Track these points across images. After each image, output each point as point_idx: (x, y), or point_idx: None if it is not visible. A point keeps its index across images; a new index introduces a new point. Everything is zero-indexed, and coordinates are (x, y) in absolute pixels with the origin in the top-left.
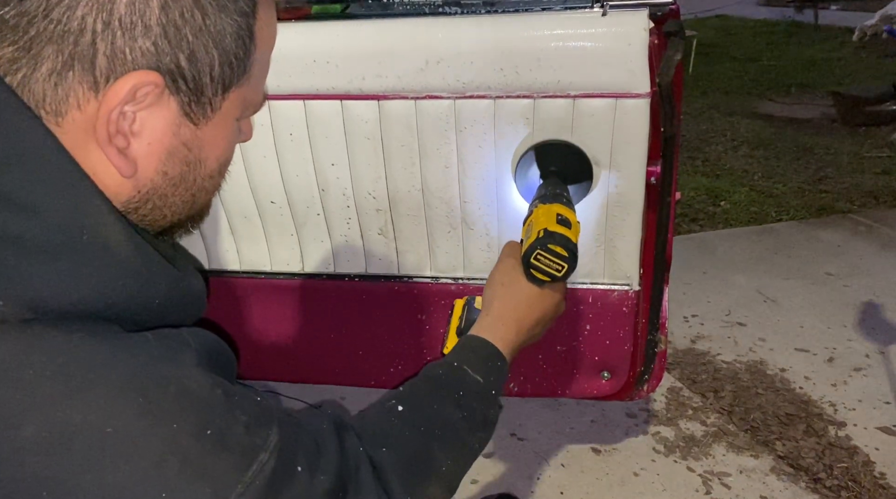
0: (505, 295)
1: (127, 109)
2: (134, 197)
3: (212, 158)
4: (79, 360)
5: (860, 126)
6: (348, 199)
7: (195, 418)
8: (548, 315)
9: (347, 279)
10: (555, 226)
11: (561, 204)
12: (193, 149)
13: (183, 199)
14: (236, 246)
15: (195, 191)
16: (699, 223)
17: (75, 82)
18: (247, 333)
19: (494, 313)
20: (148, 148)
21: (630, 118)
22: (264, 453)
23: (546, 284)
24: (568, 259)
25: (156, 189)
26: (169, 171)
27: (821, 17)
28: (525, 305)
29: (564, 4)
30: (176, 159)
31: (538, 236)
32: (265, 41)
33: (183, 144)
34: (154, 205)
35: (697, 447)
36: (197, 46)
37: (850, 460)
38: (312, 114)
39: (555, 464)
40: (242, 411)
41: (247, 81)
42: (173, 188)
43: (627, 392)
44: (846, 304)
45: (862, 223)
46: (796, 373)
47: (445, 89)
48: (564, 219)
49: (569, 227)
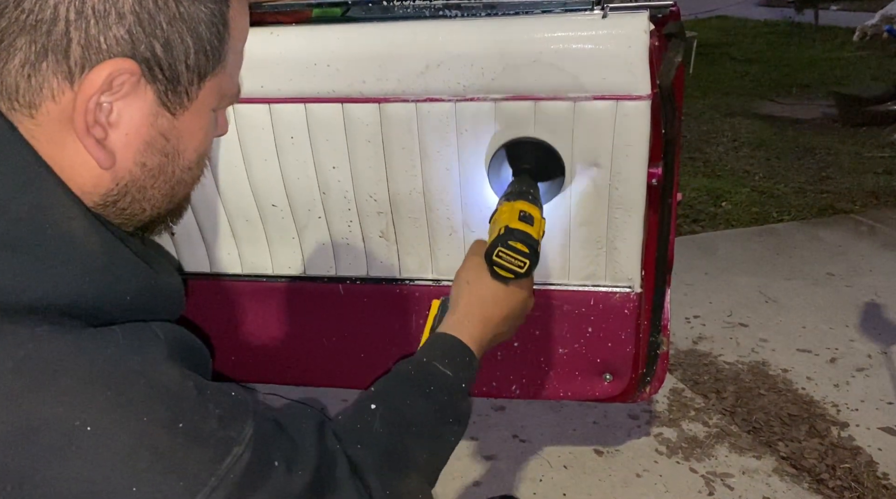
0: (471, 293)
1: (104, 100)
2: (112, 189)
3: (190, 149)
4: (42, 353)
5: (861, 126)
6: (349, 201)
7: (166, 410)
8: (515, 312)
9: (349, 282)
10: (516, 223)
11: (525, 201)
12: (171, 139)
13: (162, 191)
14: (238, 249)
15: (174, 183)
16: (700, 224)
17: (49, 73)
18: (248, 337)
19: (461, 312)
20: (126, 138)
21: (631, 120)
22: (238, 447)
23: (511, 281)
24: (529, 255)
25: (134, 181)
26: (147, 162)
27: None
28: (491, 302)
29: (565, 7)
30: (154, 150)
31: (499, 234)
32: (239, 30)
33: (161, 134)
34: (133, 198)
35: (700, 448)
36: (171, 34)
37: (853, 460)
38: (313, 117)
39: (557, 465)
40: (216, 405)
41: (222, 70)
42: (152, 180)
43: (630, 394)
44: (848, 304)
45: (863, 223)
46: (798, 373)
47: (446, 92)
48: (527, 215)
49: (531, 223)
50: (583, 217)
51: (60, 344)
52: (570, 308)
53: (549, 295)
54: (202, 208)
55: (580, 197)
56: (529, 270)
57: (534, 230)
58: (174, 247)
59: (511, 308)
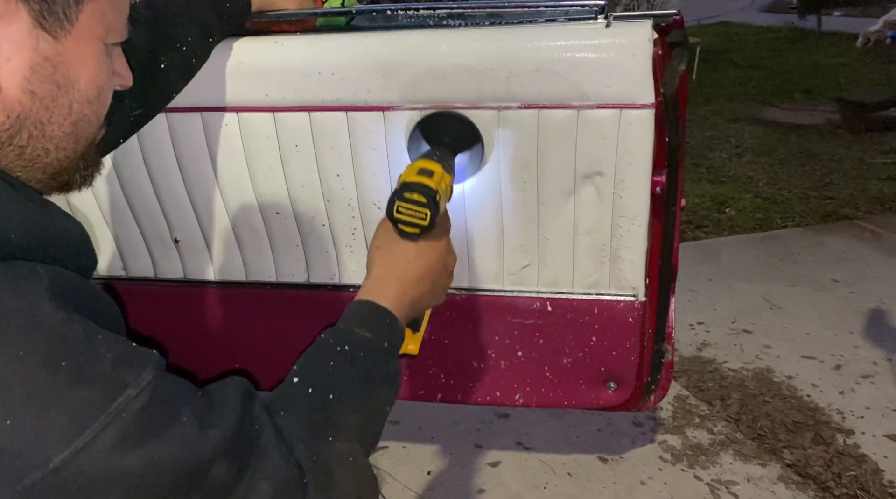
0: (381, 257)
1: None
2: (4, 123)
3: (84, 79)
4: None
5: (865, 132)
6: (354, 209)
7: (46, 348)
8: (433, 269)
9: (353, 290)
10: (413, 176)
11: (426, 159)
12: (59, 66)
13: (63, 129)
14: (242, 257)
15: (75, 119)
16: (704, 230)
17: None
18: (252, 344)
19: (374, 276)
20: (7, 64)
21: (634, 129)
22: (133, 389)
23: (419, 236)
24: (427, 204)
25: (28, 112)
26: (37, 90)
27: (824, 23)
28: (402, 261)
29: (568, 16)
30: (41, 77)
31: (396, 189)
32: None
33: (45, 59)
34: (31, 134)
35: (704, 456)
36: None
37: (859, 468)
38: (318, 125)
39: (561, 473)
40: (107, 350)
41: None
42: (48, 113)
43: (634, 403)
44: (853, 310)
45: (868, 229)
46: (803, 380)
47: (450, 101)
48: (426, 170)
49: (430, 177)
50: (586, 225)
51: None
52: (574, 317)
53: (554, 303)
54: (206, 216)
55: (584, 205)
56: (433, 221)
57: (432, 182)
58: (178, 254)
59: (426, 266)
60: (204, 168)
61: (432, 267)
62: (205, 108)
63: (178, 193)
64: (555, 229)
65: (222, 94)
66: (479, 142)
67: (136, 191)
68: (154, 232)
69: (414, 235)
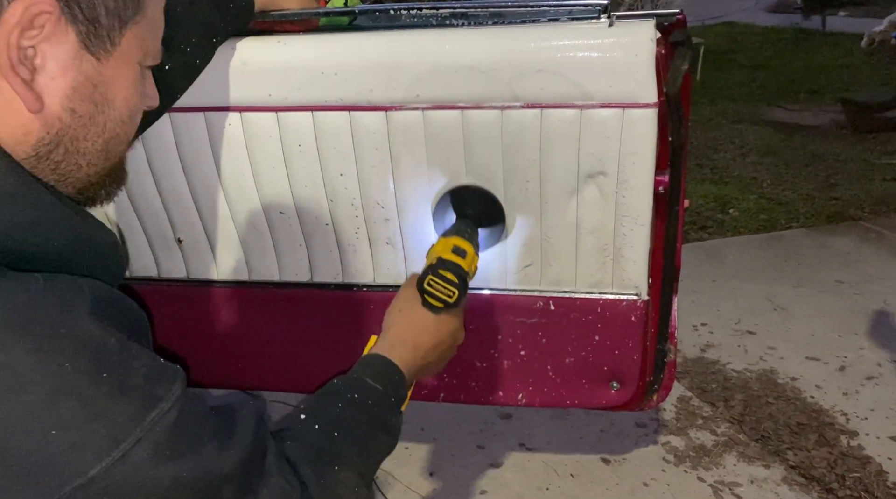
0: (402, 320)
1: (27, 43)
2: (44, 138)
3: (119, 99)
4: None
5: (869, 133)
6: (357, 209)
7: (89, 361)
8: (445, 342)
9: (356, 289)
10: (449, 255)
11: (461, 237)
12: (99, 86)
13: (96, 146)
14: (245, 257)
15: (108, 137)
16: (708, 231)
17: None
18: (256, 344)
19: (391, 336)
20: (52, 82)
21: (638, 128)
22: (165, 403)
23: (441, 310)
24: (458, 285)
25: (66, 129)
26: (77, 108)
27: (828, 23)
28: (421, 329)
29: (571, 15)
30: (82, 96)
31: (431, 264)
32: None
33: (87, 79)
34: (66, 149)
35: (708, 457)
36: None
37: (863, 469)
38: (321, 125)
39: (564, 474)
40: (141, 363)
41: (143, 19)
42: (83, 130)
43: (637, 403)
44: (857, 312)
45: (872, 230)
46: (807, 382)
47: (453, 100)
48: (460, 249)
49: (463, 257)
50: (589, 225)
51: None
52: (577, 316)
53: (557, 302)
54: (209, 215)
55: (587, 205)
56: (458, 300)
57: (465, 263)
58: (181, 254)
59: (440, 338)
60: (207, 168)
61: (444, 340)
62: (208, 108)
63: (181, 193)
64: (558, 229)
65: (226, 94)
66: (502, 222)
67: (140, 191)
68: (157, 232)
69: (437, 309)
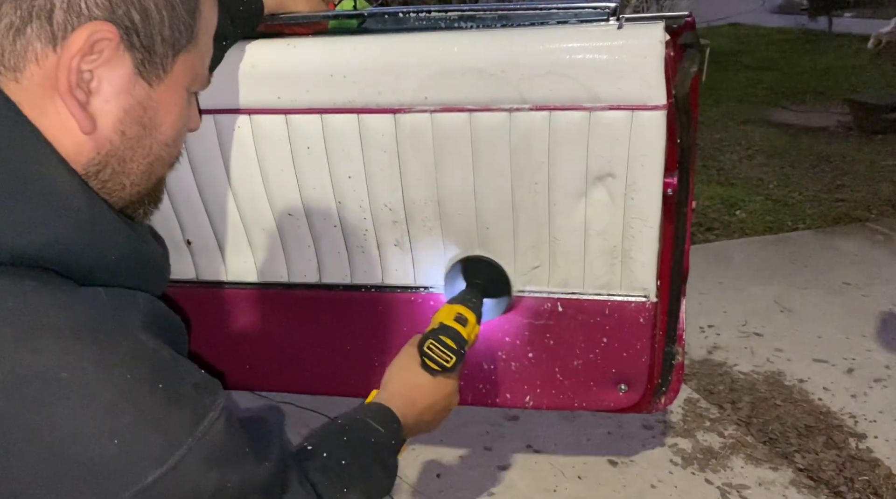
0: (400, 378)
1: (85, 66)
2: (94, 158)
3: (166, 124)
4: (29, 306)
5: (876, 134)
6: (365, 211)
7: (147, 371)
8: (438, 404)
9: (364, 290)
10: (451, 321)
11: (465, 306)
12: (148, 110)
13: (141, 167)
14: (254, 258)
15: (152, 159)
16: (714, 232)
17: (33, 37)
18: (263, 345)
19: (389, 391)
20: (106, 105)
21: (646, 130)
22: (213, 413)
23: (438, 373)
24: (455, 352)
25: (115, 150)
26: (127, 130)
27: (835, 24)
28: (417, 388)
29: (580, 18)
30: (133, 119)
31: (433, 328)
32: (209, 13)
33: (138, 103)
34: (114, 170)
35: (715, 459)
36: (148, 4)
37: (872, 472)
38: (329, 128)
39: (571, 476)
40: (189, 375)
41: (194, 48)
42: (131, 152)
43: (645, 405)
44: (865, 314)
45: (879, 232)
46: (815, 384)
47: (461, 103)
48: (462, 317)
49: (464, 325)
50: (598, 227)
51: (47, 298)
52: (585, 317)
53: (565, 304)
54: (218, 217)
55: (595, 207)
56: (455, 366)
57: (465, 332)
58: (190, 255)
59: (435, 399)
60: (216, 170)
61: (438, 402)
62: (217, 111)
63: (190, 194)
64: (566, 230)
65: (235, 96)
66: (508, 294)
67: None
68: (166, 233)
69: (434, 371)
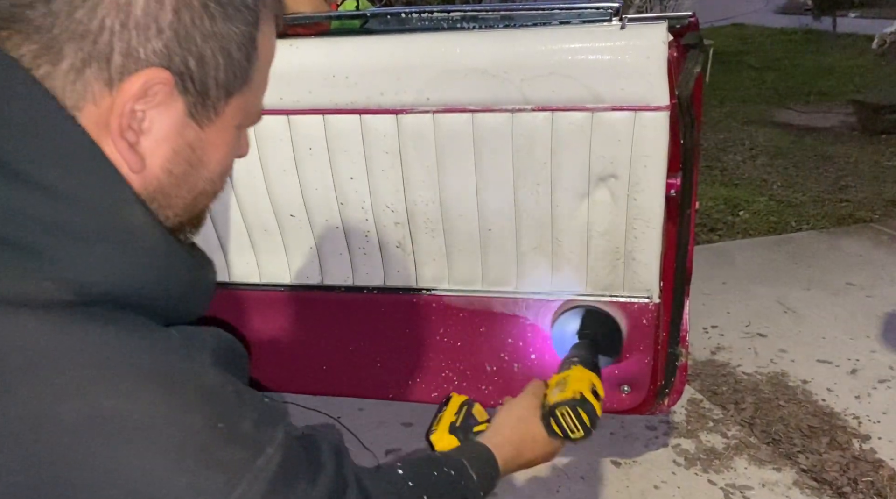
0: (518, 427)
1: (138, 107)
2: (141, 194)
3: (213, 162)
4: (114, 349)
5: (881, 134)
6: (367, 212)
7: (210, 410)
8: (539, 459)
9: (366, 292)
10: (590, 395)
11: (598, 376)
12: (197, 150)
13: (185, 201)
14: (256, 259)
15: (196, 194)
16: (718, 233)
17: (92, 78)
18: (266, 345)
19: (503, 437)
20: (155, 145)
21: (649, 131)
22: (271, 448)
23: (557, 438)
24: (588, 430)
25: (161, 187)
26: (174, 169)
27: (839, 24)
28: (530, 441)
29: (582, 18)
30: (180, 159)
31: (573, 397)
32: (266, 52)
33: (187, 144)
34: (159, 204)
35: (718, 460)
36: (205, 50)
37: (876, 473)
38: (332, 128)
39: (574, 477)
40: (252, 409)
41: (248, 89)
42: (176, 189)
43: (648, 406)
44: (869, 314)
45: (884, 232)
46: (818, 385)
47: (463, 103)
48: (597, 392)
49: (599, 400)
50: (601, 227)
51: (130, 343)
52: None
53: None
54: (221, 218)
55: (598, 208)
56: (577, 441)
57: (599, 408)
58: None
59: (539, 454)
60: None
61: (540, 457)
62: None
63: None
64: (569, 231)
65: None
66: (616, 355)
67: None
68: None
69: (555, 435)
